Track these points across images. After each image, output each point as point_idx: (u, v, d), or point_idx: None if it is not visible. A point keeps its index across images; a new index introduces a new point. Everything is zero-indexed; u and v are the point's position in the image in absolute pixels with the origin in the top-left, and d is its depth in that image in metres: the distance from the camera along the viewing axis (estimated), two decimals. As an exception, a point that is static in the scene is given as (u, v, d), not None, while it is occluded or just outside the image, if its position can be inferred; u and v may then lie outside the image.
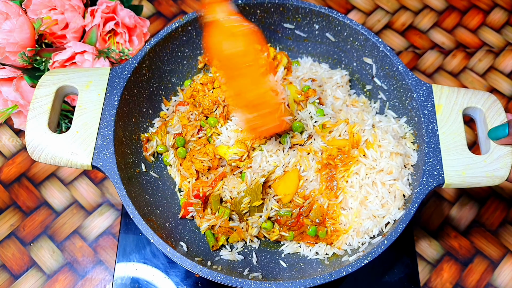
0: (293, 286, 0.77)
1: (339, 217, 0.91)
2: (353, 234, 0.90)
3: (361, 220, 0.89)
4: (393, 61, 0.93)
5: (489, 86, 1.29)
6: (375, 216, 0.89)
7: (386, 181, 0.89)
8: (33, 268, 1.06)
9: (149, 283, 1.02)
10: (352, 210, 0.90)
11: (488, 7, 1.40)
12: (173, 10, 1.39)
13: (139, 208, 0.83)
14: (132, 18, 1.05)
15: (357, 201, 0.90)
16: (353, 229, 0.90)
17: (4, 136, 1.20)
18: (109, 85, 0.88)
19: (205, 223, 0.92)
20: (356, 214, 0.90)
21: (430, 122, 0.87)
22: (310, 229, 0.91)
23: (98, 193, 1.14)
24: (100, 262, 1.06)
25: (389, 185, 0.90)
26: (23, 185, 1.14)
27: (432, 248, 1.09)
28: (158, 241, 0.79)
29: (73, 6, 0.99)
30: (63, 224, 1.10)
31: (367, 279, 1.03)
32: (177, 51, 1.02)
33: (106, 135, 0.85)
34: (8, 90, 0.99)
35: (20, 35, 0.94)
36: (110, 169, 0.83)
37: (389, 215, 0.88)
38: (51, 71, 0.89)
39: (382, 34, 1.36)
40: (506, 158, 0.83)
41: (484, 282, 1.06)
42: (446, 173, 0.83)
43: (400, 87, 0.95)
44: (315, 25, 1.03)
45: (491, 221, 1.12)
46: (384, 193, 0.89)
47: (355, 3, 1.40)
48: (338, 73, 1.04)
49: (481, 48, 1.34)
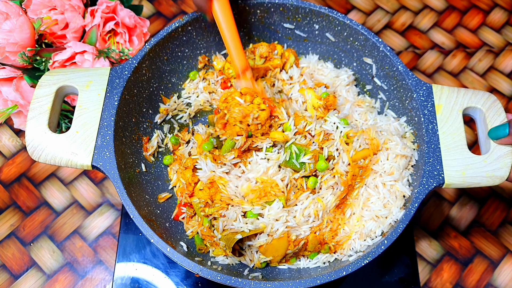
0: (293, 286, 0.76)
1: (340, 230, 0.90)
2: (356, 237, 0.89)
3: (364, 222, 0.89)
4: (393, 61, 0.93)
5: (489, 86, 1.29)
6: (378, 216, 0.88)
7: (387, 182, 0.89)
8: (33, 268, 1.06)
9: (149, 283, 1.02)
10: (354, 215, 0.90)
11: (488, 7, 1.40)
12: (173, 10, 1.39)
13: (139, 208, 0.83)
14: (132, 18, 1.05)
15: (360, 206, 0.89)
16: (356, 232, 0.89)
17: (4, 136, 1.20)
18: (109, 85, 0.88)
19: (190, 229, 0.93)
20: (358, 218, 0.89)
21: (430, 122, 0.87)
22: (311, 255, 0.90)
23: (98, 193, 1.14)
24: (100, 262, 1.06)
25: (389, 186, 0.90)
26: (23, 185, 1.14)
27: (432, 248, 1.09)
28: (158, 241, 0.79)
29: (73, 6, 0.99)
30: (63, 224, 1.10)
31: (367, 279, 1.03)
32: (177, 51, 1.02)
33: (106, 135, 0.85)
34: (8, 90, 0.99)
35: (20, 35, 0.94)
36: (110, 169, 0.83)
37: (391, 215, 0.88)
38: (51, 71, 0.89)
39: (382, 34, 1.36)
40: (506, 158, 0.83)
41: (484, 282, 1.06)
42: (446, 173, 0.82)
43: (400, 87, 0.95)
44: (315, 25, 1.03)
45: (491, 221, 1.12)
46: (386, 193, 0.89)
47: (355, 3, 1.40)
48: (344, 73, 1.04)
49: (481, 48, 1.34)
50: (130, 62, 0.91)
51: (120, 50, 1.04)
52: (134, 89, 0.93)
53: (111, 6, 1.02)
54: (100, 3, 1.02)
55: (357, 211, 0.89)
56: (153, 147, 0.99)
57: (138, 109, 0.97)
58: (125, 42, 1.05)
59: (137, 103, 0.96)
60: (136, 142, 0.96)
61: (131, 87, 0.92)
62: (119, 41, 1.06)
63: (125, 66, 0.91)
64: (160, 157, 1.01)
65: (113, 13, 1.03)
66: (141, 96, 0.97)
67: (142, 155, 0.97)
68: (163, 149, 1.02)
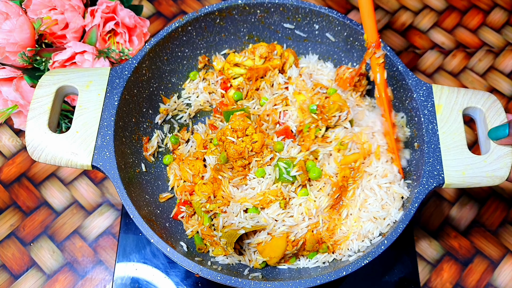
0: (293, 286, 0.76)
1: (337, 230, 0.90)
2: (354, 238, 0.89)
3: (361, 223, 0.89)
4: (393, 61, 0.93)
5: (489, 86, 1.29)
6: (377, 218, 0.88)
7: (382, 184, 0.89)
8: (33, 268, 1.06)
9: (149, 283, 1.02)
10: (352, 216, 0.90)
11: (488, 7, 1.40)
12: (173, 10, 1.39)
13: (139, 208, 0.83)
14: (132, 18, 1.05)
15: (357, 207, 0.90)
16: (353, 233, 0.89)
17: (4, 136, 1.20)
18: (109, 85, 0.88)
19: (190, 228, 0.93)
20: (356, 219, 0.89)
21: (430, 122, 0.87)
22: (309, 255, 0.90)
23: (98, 193, 1.14)
24: (100, 262, 1.06)
25: (386, 188, 0.90)
26: (23, 185, 1.14)
27: (432, 248, 1.09)
28: (158, 241, 0.79)
29: (73, 6, 0.99)
30: (63, 224, 1.10)
31: (367, 279, 1.03)
32: (177, 51, 1.02)
33: (106, 135, 0.85)
34: (8, 90, 0.99)
35: (20, 35, 0.94)
36: (110, 169, 0.83)
37: (390, 217, 0.88)
38: (51, 71, 0.89)
39: (382, 34, 1.36)
40: (506, 158, 0.83)
41: (484, 282, 1.06)
42: (446, 173, 0.82)
43: (400, 87, 0.95)
44: (315, 25, 1.03)
45: (491, 221, 1.12)
46: (383, 195, 0.89)
47: (355, 3, 1.40)
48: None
49: (481, 48, 1.34)
50: (130, 62, 0.91)
51: (120, 50, 1.04)
52: (134, 89, 0.93)
53: (111, 6, 1.02)
54: (100, 3, 1.02)
55: (355, 212, 0.89)
56: (153, 147, 0.99)
57: (138, 109, 0.97)
58: (125, 42, 1.05)
59: (137, 103, 0.96)
60: (136, 142, 0.96)
61: (131, 87, 0.92)
62: (119, 41, 1.06)
63: (125, 66, 0.91)
64: (160, 157, 1.02)
65: (113, 13, 1.03)
66: (141, 96, 0.97)
67: (142, 155, 0.97)
68: (163, 149, 1.03)
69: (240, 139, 0.89)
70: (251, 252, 0.88)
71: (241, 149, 0.88)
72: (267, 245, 0.85)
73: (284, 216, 0.88)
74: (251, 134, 0.89)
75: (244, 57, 1.03)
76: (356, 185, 0.91)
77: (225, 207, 0.89)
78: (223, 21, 1.02)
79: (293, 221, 0.87)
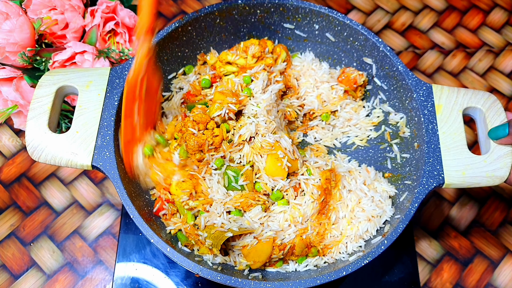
0: (293, 286, 0.76)
1: (327, 235, 0.89)
2: (347, 241, 0.89)
3: (357, 224, 0.89)
4: (393, 61, 0.93)
5: (489, 86, 1.29)
6: (374, 216, 0.88)
7: (368, 181, 0.91)
8: (33, 268, 1.06)
9: (149, 283, 1.02)
10: (344, 219, 0.90)
11: (488, 7, 1.40)
12: (173, 10, 1.39)
13: (139, 208, 0.83)
14: (132, 18, 1.05)
15: (348, 209, 0.89)
16: (347, 236, 0.89)
17: (4, 136, 1.20)
18: (109, 85, 0.88)
19: (171, 226, 0.90)
20: (349, 222, 0.89)
21: (430, 122, 0.87)
22: (299, 259, 0.89)
23: (98, 193, 1.14)
24: (100, 262, 1.06)
25: (374, 186, 0.91)
26: (23, 185, 1.14)
27: (432, 248, 1.09)
28: (158, 241, 0.79)
29: (73, 6, 0.99)
30: (63, 224, 1.10)
31: (367, 279, 1.03)
32: (177, 51, 1.02)
33: (106, 135, 0.85)
34: (8, 90, 0.99)
35: (20, 35, 0.94)
36: (110, 169, 0.83)
37: (385, 214, 0.88)
38: (51, 71, 0.89)
39: (382, 34, 1.36)
40: (506, 158, 0.83)
41: (484, 282, 1.06)
42: (446, 173, 0.82)
43: (400, 87, 0.95)
44: (315, 25, 1.03)
45: (491, 221, 1.12)
46: (373, 193, 0.90)
47: (355, 3, 1.40)
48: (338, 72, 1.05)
49: (481, 48, 1.34)
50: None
51: (120, 50, 1.04)
52: (134, 89, 0.93)
53: (111, 6, 1.02)
54: (100, 3, 1.02)
55: (347, 215, 0.89)
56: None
57: (138, 109, 0.97)
58: (125, 42, 1.05)
59: (137, 103, 0.96)
60: (136, 142, 0.96)
61: (131, 87, 0.92)
62: (119, 41, 1.06)
63: (125, 66, 0.91)
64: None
65: (113, 13, 1.03)
66: (141, 96, 0.97)
67: (142, 155, 0.97)
68: (163, 149, 1.02)
69: (200, 131, 0.89)
70: (235, 254, 0.87)
71: (201, 141, 0.87)
72: (252, 248, 0.85)
73: (268, 219, 0.87)
74: (212, 128, 0.89)
75: (236, 56, 1.02)
76: (337, 187, 0.91)
77: (208, 205, 0.88)
78: (223, 21, 1.02)
79: (278, 226, 0.87)
